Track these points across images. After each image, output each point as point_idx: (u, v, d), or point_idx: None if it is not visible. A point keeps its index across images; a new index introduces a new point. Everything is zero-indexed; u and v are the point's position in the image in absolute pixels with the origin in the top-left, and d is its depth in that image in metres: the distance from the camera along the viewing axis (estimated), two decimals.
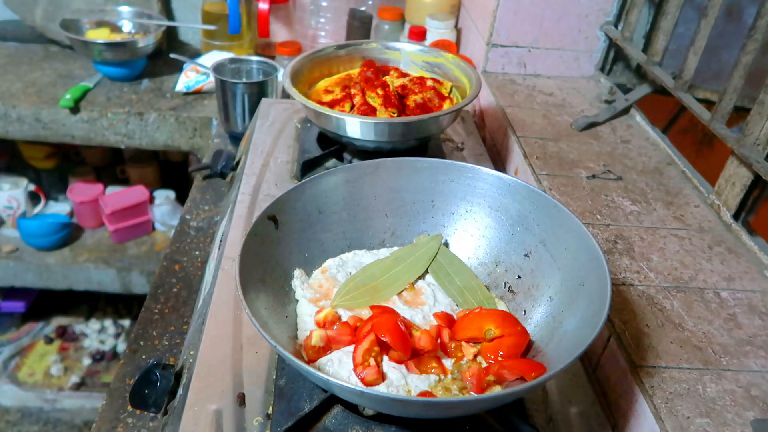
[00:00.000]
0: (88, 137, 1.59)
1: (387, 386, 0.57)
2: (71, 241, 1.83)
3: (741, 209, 0.92)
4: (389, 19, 1.63)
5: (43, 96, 1.57)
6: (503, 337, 0.62)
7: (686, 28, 1.24)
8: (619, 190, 0.99)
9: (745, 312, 0.76)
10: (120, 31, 1.70)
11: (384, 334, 0.59)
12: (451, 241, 0.76)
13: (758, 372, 0.68)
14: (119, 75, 1.65)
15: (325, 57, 1.05)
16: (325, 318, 0.64)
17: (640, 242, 0.87)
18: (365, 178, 0.75)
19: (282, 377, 0.62)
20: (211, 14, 1.68)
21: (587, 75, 1.38)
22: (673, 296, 0.78)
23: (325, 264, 0.73)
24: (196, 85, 1.62)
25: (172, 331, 1.06)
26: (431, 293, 0.70)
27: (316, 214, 0.72)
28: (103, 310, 2.16)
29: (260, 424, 0.58)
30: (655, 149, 1.12)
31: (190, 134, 1.59)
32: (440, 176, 0.75)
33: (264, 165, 0.97)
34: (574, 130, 1.16)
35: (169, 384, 0.68)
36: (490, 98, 1.28)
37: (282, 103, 1.17)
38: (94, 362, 2.01)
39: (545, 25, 1.31)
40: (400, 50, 1.09)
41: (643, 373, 0.67)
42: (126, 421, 0.92)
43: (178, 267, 1.21)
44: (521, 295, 0.69)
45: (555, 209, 0.68)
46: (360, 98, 0.96)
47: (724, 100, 0.95)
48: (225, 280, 0.75)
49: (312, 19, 1.74)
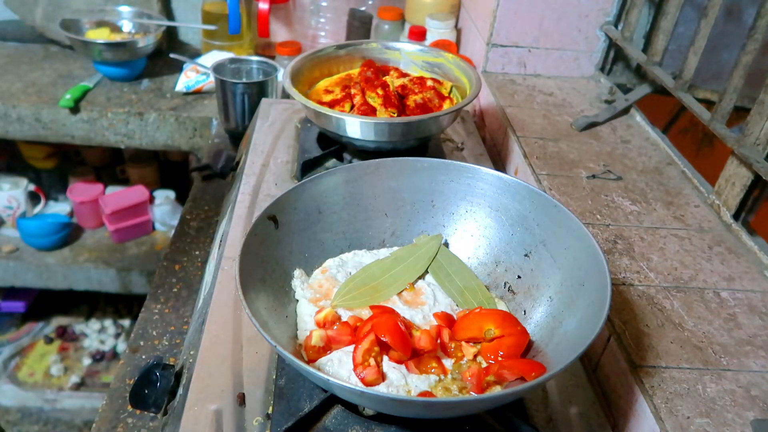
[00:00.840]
0: (88, 137, 1.59)
1: (387, 386, 0.57)
2: (71, 241, 1.83)
3: (741, 209, 0.92)
4: (389, 19, 1.63)
5: (43, 96, 1.57)
6: (503, 337, 0.62)
7: (686, 28, 1.24)
8: (619, 190, 0.99)
9: (745, 312, 0.76)
10: (120, 31, 1.70)
11: (384, 334, 0.59)
12: (451, 241, 0.76)
13: (758, 372, 0.68)
14: (119, 75, 1.65)
15: (325, 57, 1.05)
16: (325, 318, 0.64)
17: (640, 242, 0.87)
18: (365, 178, 0.75)
19: (282, 377, 0.62)
20: (211, 14, 1.69)
21: (587, 75, 1.38)
22: (673, 296, 0.78)
23: (325, 264, 0.73)
24: (196, 85, 1.62)
25: (172, 331, 1.06)
26: (431, 293, 0.70)
27: (316, 214, 0.72)
28: (103, 310, 2.16)
29: (260, 424, 0.58)
30: (655, 149, 1.12)
31: (190, 134, 1.59)
32: (440, 176, 0.75)
33: (264, 165, 0.97)
34: (574, 130, 1.16)
35: (169, 384, 0.68)
36: (490, 98, 1.28)
37: (282, 103, 1.17)
38: (94, 362, 2.01)
39: (545, 25, 1.31)
40: (400, 50, 1.09)
41: (643, 373, 0.67)
42: (126, 421, 0.92)
43: (178, 267, 1.21)
44: (521, 295, 0.69)
45: (555, 209, 0.68)
46: (360, 98, 0.96)
47: (724, 100, 0.95)
48: (225, 280, 0.75)
49: (312, 19, 1.74)
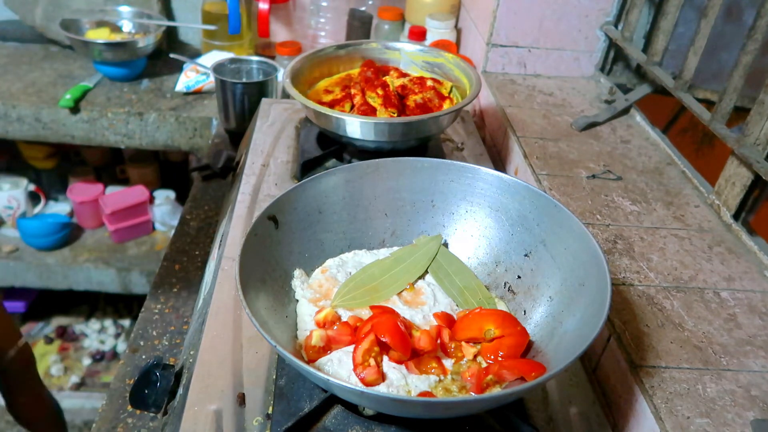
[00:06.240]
0: (88, 137, 1.59)
1: (387, 386, 0.57)
2: (71, 241, 1.83)
3: (741, 209, 0.92)
4: (389, 19, 1.63)
5: (43, 96, 1.57)
6: (503, 337, 0.62)
7: (686, 28, 1.24)
8: (619, 190, 0.99)
9: (745, 312, 0.76)
10: (120, 31, 1.70)
11: (384, 335, 0.59)
12: (451, 241, 0.76)
13: (758, 372, 0.68)
14: (119, 75, 1.65)
15: (325, 57, 1.05)
16: (325, 318, 0.64)
17: (640, 242, 0.87)
18: (365, 178, 0.75)
19: (282, 377, 0.62)
20: (211, 14, 1.69)
21: (587, 75, 1.38)
22: (673, 296, 0.78)
23: (325, 264, 0.73)
24: (196, 85, 1.62)
25: (172, 331, 1.06)
26: (431, 293, 0.70)
27: (316, 214, 0.72)
28: (103, 310, 2.16)
29: (260, 424, 0.58)
30: (655, 149, 1.12)
31: (190, 134, 1.59)
32: (440, 176, 0.75)
33: (264, 165, 0.97)
34: (574, 130, 1.16)
35: (169, 384, 0.68)
36: (490, 98, 1.28)
37: (282, 103, 1.17)
38: (94, 362, 2.01)
39: (545, 25, 1.31)
40: (400, 50, 1.09)
41: (643, 373, 0.67)
42: (126, 421, 0.92)
43: (178, 267, 1.21)
44: (521, 295, 0.69)
45: (555, 209, 0.68)
46: (360, 98, 0.96)
47: (724, 100, 0.95)
48: (225, 280, 0.75)
49: (312, 19, 1.74)
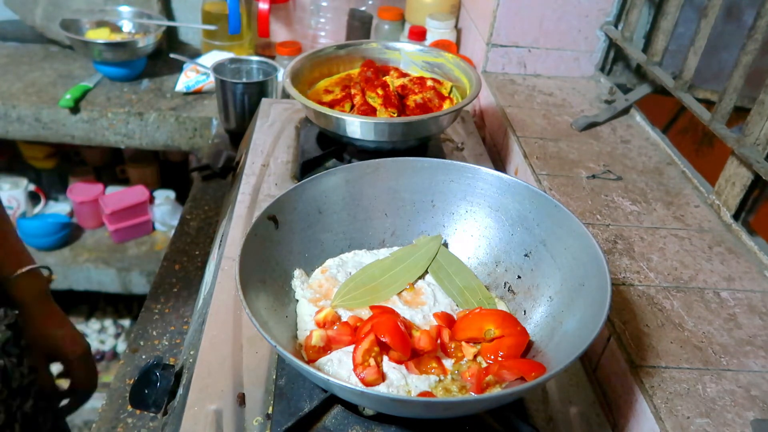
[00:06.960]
0: (88, 137, 1.59)
1: (387, 386, 0.57)
2: (71, 241, 1.83)
3: (741, 209, 0.92)
4: (389, 19, 1.63)
5: (43, 96, 1.57)
6: (503, 337, 0.62)
7: (686, 28, 1.24)
8: (619, 190, 0.99)
9: (745, 312, 0.76)
10: (120, 31, 1.70)
11: (384, 335, 0.59)
12: (451, 241, 0.76)
13: (758, 372, 0.68)
14: (119, 75, 1.65)
15: (325, 57, 1.05)
16: (325, 318, 0.64)
17: (640, 242, 0.87)
18: (365, 178, 0.75)
19: (282, 377, 0.62)
20: (211, 14, 1.69)
21: (587, 75, 1.38)
22: (673, 296, 0.78)
23: (325, 264, 0.73)
24: (196, 85, 1.62)
25: (172, 331, 1.06)
26: (431, 293, 0.70)
27: (316, 214, 0.72)
28: (103, 310, 2.16)
29: (260, 424, 0.58)
30: (655, 149, 1.12)
31: (190, 134, 1.59)
32: (440, 176, 0.75)
33: (264, 165, 0.97)
34: (574, 130, 1.16)
35: (169, 384, 0.68)
36: (490, 98, 1.28)
37: (282, 103, 1.17)
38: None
39: (545, 25, 1.31)
40: (400, 50, 1.09)
41: (643, 373, 0.67)
42: (126, 421, 0.92)
43: (178, 267, 1.21)
44: (521, 295, 0.69)
45: (555, 209, 0.68)
46: (360, 98, 0.96)
47: (724, 100, 0.95)
48: (225, 280, 0.75)
49: (312, 19, 1.74)
